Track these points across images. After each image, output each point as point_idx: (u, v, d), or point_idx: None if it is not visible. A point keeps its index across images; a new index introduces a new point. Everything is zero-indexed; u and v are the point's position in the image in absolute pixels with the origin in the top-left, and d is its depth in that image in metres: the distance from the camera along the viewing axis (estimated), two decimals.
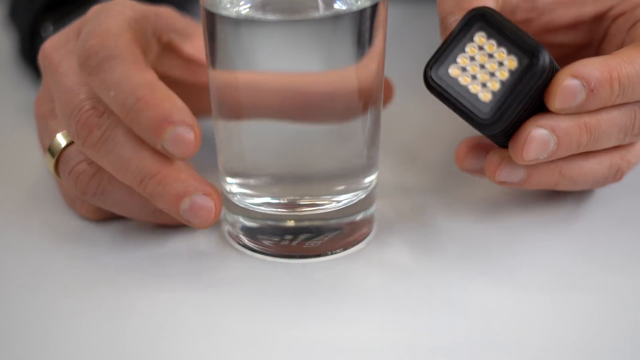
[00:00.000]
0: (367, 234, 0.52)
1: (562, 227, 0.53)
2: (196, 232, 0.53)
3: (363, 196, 0.51)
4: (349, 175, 0.50)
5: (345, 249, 0.51)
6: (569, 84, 0.47)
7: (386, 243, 0.52)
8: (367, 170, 0.51)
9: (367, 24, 0.47)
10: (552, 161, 0.50)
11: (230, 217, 0.52)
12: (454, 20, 0.49)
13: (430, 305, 0.48)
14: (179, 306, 0.48)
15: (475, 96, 0.48)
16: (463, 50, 0.48)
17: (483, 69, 0.48)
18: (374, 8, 0.47)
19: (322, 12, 0.48)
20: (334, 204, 0.50)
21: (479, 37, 0.48)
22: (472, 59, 0.48)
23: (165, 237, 0.52)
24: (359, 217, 0.51)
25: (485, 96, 0.47)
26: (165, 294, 0.49)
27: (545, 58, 0.46)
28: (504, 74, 0.47)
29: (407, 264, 0.51)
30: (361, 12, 0.47)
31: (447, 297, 0.48)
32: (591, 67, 0.48)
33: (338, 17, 0.47)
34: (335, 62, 0.48)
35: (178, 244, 0.52)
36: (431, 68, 0.48)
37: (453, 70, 0.48)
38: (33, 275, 0.50)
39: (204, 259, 0.51)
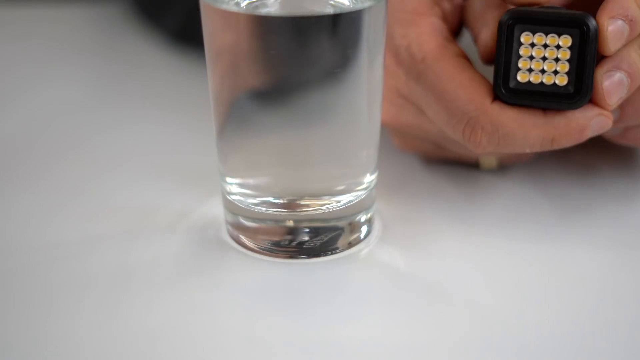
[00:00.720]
0: (367, 234, 0.52)
1: (562, 228, 0.53)
2: (196, 232, 0.53)
3: (363, 196, 0.51)
4: (349, 175, 0.50)
5: (345, 249, 0.51)
6: (612, 28, 0.49)
7: (386, 243, 0.52)
8: (367, 170, 0.51)
9: (369, 22, 0.47)
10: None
11: (230, 217, 0.52)
12: (487, 31, 0.52)
13: (430, 305, 0.48)
14: (179, 306, 0.48)
15: (554, 85, 0.50)
16: (519, 55, 0.50)
17: (545, 60, 0.49)
18: (376, 7, 0.47)
19: (323, 9, 0.48)
20: (334, 204, 0.50)
21: (525, 37, 0.49)
22: (531, 57, 0.49)
23: (165, 237, 0.52)
24: (359, 217, 0.51)
25: (562, 79, 0.49)
26: (165, 294, 0.48)
27: (592, 21, 0.49)
28: (565, 54, 0.49)
29: (407, 264, 0.51)
30: (363, 10, 0.47)
31: (447, 297, 0.48)
32: (620, 1, 0.49)
33: (339, 15, 0.47)
34: (336, 60, 0.48)
35: (178, 244, 0.52)
36: (501, 88, 0.50)
37: (521, 77, 0.50)
38: (33, 275, 0.50)
39: (204, 259, 0.51)
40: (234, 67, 0.48)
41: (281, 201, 0.50)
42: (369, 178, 0.51)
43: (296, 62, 0.47)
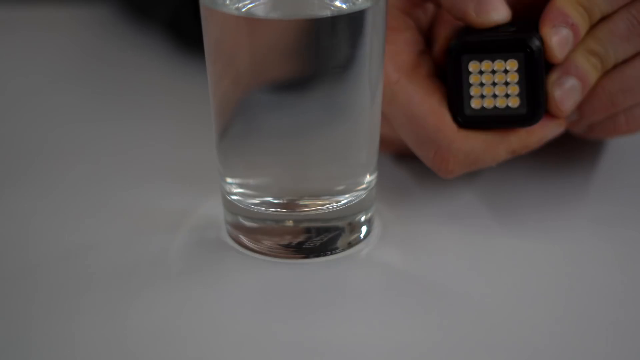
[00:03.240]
0: (367, 234, 0.52)
1: (562, 228, 0.53)
2: (196, 233, 0.53)
3: (363, 196, 0.51)
4: (349, 175, 0.50)
5: (345, 249, 0.51)
6: (556, 38, 0.50)
7: (386, 243, 0.52)
8: (366, 170, 0.51)
9: (368, 24, 0.47)
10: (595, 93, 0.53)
11: (230, 217, 0.52)
12: (436, 46, 0.53)
13: (430, 305, 0.48)
14: (178, 306, 0.48)
15: (507, 108, 0.51)
16: (469, 84, 0.51)
17: (496, 85, 0.51)
18: (375, 8, 0.47)
19: (322, 12, 0.48)
20: (333, 204, 0.50)
21: (473, 65, 0.51)
22: (482, 84, 0.51)
23: (165, 236, 0.52)
24: (359, 217, 0.51)
25: (514, 101, 0.51)
26: (165, 293, 0.48)
27: (534, 42, 0.50)
28: (514, 77, 0.50)
29: (407, 264, 0.51)
30: (362, 12, 0.47)
31: (447, 297, 0.48)
32: (558, 6, 0.50)
33: (338, 17, 0.47)
34: (336, 61, 0.48)
35: (178, 244, 0.52)
36: (458, 116, 0.51)
37: (474, 103, 0.51)
38: (33, 275, 0.50)
39: (203, 259, 0.51)
40: (233, 70, 0.48)
41: (281, 201, 0.50)
42: (369, 178, 0.51)
43: (296, 64, 0.47)
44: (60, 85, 0.72)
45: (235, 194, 0.51)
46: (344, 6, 0.48)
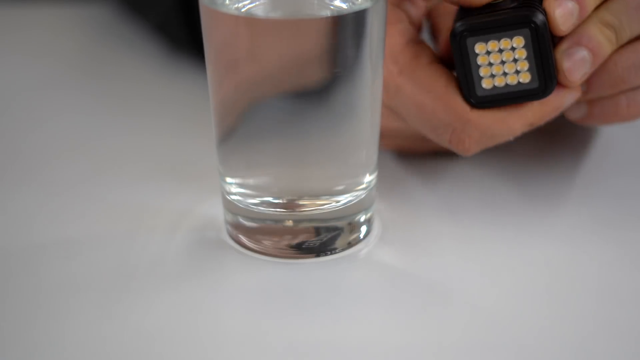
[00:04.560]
0: (367, 234, 0.52)
1: (563, 228, 0.53)
2: (196, 232, 0.53)
3: (363, 196, 0.51)
4: (349, 175, 0.50)
5: (345, 249, 0.51)
6: (560, 11, 0.50)
7: (386, 243, 0.52)
8: (366, 170, 0.51)
9: (368, 23, 0.47)
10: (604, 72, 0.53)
11: (230, 217, 0.52)
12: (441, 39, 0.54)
13: (430, 305, 0.48)
14: (178, 306, 0.48)
15: (519, 84, 0.51)
16: (478, 65, 0.50)
17: (504, 63, 0.50)
18: (375, 8, 0.47)
19: (322, 12, 0.48)
20: (333, 204, 0.50)
21: (479, 47, 0.50)
22: (490, 64, 0.50)
23: (165, 237, 0.52)
24: (359, 217, 0.51)
25: (525, 76, 0.51)
26: (165, 294, 0.48)
27: (538, 16, 0.50)
28: (522, 53, 0.50)
29: (407, 264, 0.51)
30: (362, 12, 0.47)
31: (447, 297, 0.48)
32: None
33: (339, 17, 0.47)
34: (336, 61, 0.48)
35: (178, 244, 0.52)
36: (471, 98, 0.51)
37: (485, 83, 0.51)
38: (33, 275, 0.50)
39: (203, 259, 0.51)
40: (233, 70, 0.48)
41: (281, 201, 0.50)
42: (369, 178, 0.51)
43: (296, 65, 0.47)
44: (60, 85, 0.72)
45: (235, 193, 0.51)
46: (344, 6, 0.48)
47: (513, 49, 0.50)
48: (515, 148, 0.58)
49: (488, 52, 0.50)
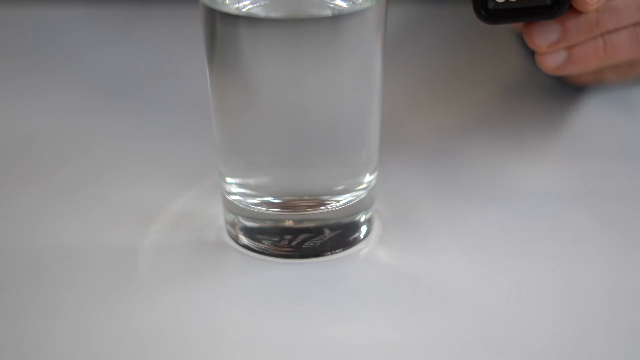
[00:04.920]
0: (367, 234, 0.52)
1: (563, 228, 0.53)
2: (196, 232, 0.53)
3: (363, 196, 0.51)
4: (349, 175, 0.50)
5: (345, 249, 0.51)
6: None
7: (386, 243, 0.52)
8: (366, 170, 0.51)
9: (369, 24, 0.47)
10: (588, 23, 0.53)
11: (230, 217, 0.52)
12: None
13: (430, 305, 0.48)
14: (178, 306, 0.48)
15: (532, 0, 0.51)
16: None
17: None
18: (376, 8, 0.47)
19: (323, 11, 0.48)
20: (333, 204, 0.50)
21: None
22: None
23: (165, 236, 0.52)
24: (359, 217, 0.51)
25: None
26: (165, 294, 0.48)
27: None
28: None
29: (407, 264, 0.51)
30: (363, 12, 0.47)
31: (447, 297, 0.48)
32: None
33: (339, 17, 0.47)
34: (336, 61, 0.48)
35: (177, 243, 0.52)
36: (481, 11, 0.50)
37: None
38: (33, 276, 0.50)
39: (203, 259, 0.51)
40: (233, 69, 0.48)
41: (281, 201, 0.50)
42: (369, 178, 0.51)
43: (296, 64, 0.47)
44: (60, 85, 0.72)
45: (235, 193, 0.51)
46: (345, 5, 0.48)
47: None
48: (516, 148, 0.58)
49: None
